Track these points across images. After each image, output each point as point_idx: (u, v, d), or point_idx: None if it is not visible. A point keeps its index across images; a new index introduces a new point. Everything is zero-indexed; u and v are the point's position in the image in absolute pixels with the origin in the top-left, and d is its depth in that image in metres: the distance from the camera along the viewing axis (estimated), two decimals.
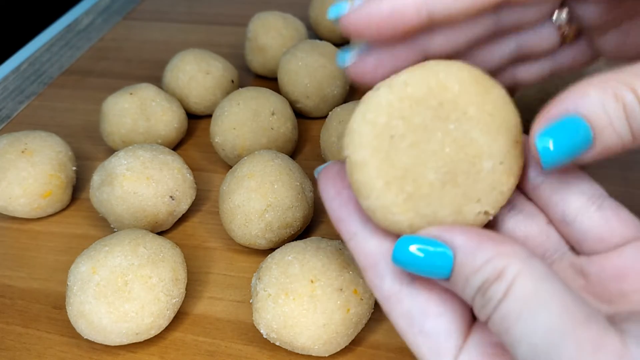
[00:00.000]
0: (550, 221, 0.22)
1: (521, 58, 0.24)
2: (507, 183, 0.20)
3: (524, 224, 0.22)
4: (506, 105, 0.20)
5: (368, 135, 0.19)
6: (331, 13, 0.21)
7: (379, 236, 0.20)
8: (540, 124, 0.18)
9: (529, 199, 0.22)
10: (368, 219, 0.20)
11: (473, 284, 0.17)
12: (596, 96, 0.18)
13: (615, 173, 0.37)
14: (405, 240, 0.19)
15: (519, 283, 0.16)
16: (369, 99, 0.20)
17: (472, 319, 0.21)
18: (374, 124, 0.19)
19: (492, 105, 0.20)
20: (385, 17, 0.19)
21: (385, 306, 0.20)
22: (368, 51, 0.21)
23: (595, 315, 0.16)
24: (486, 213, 0.20)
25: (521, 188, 0.22)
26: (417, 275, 0.20)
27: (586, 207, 0.20)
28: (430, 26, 0.20)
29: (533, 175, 0.21)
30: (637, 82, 0.17)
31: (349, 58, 0.22)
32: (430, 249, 0.18)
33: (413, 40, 0.21)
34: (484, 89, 0.20)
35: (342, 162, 0.21)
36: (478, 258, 0.17)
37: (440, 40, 0.21)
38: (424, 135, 0.19)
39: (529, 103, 0.38)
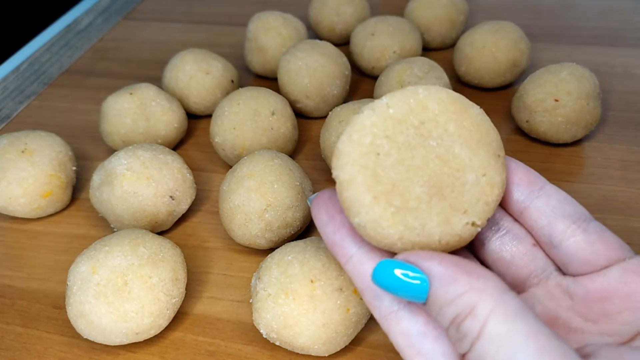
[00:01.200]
0: (537, 243, 0.22)
1: None
2: (492, 194, 0.20)
3: (511, 244, 0.22)
4: (484, 121, 0.21)
5: (354, 154, 0.20)
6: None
7: (374, 257, 0.21)
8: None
9: (517, 220, 0.22)
10: (362, 240, 0.21)
11: (446, 315, 0.18)
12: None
13: (615, 173, 0.37)
14: (384, 264, 0.19)
15: (492, 322, 0.17)
16: (354, 120, 0.21)
17: None
18: (360, 143, 0.20)
19: (471, 122, 0.21)
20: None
21: (384, 325, 0.21)
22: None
23: (570, 354, 0.16)
24: (474, 224, 0.20)
25: (508, 210, 0.22)
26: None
27: (572, 231, 0.21)
28: None
29: (519, 199, 0.22)
30: None
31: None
32: (409, 274, 0.18)
33: None
34: (462, 107, 0.21)
35: (333, 188, 0.22)
36: (451, 291, 0.18)
37: None
38: (408, 153, 0.20)
39: (528, 103, 0.38)
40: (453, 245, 0.20)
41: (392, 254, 0.20)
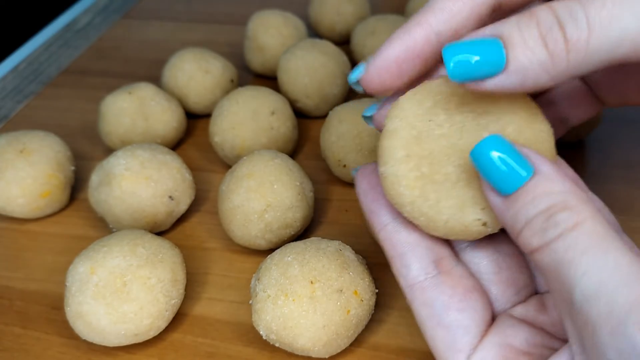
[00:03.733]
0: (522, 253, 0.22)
1: None
2: None
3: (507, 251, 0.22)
4: (544, 142, 0.20)
5: (409, 111, 0.20)
6: (351, 77, 0.23)
7: (408, 228, 0.21)
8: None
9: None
10: (399, 213, 0.21)
11: (538, 205, 0.17)
12: (515, 17, 0.18)
13: (615, 173, 0.37)
14: (495, 141, 0.18)
15: (590, 223, 0.16)
16: (423, 85, 0.21)
17: (490, 321, 0.21)
18: (419, 104, 0.21)
19: (531, 135, 0.20)
20: (401, 58, 0.21)
21: (409, 295, 0.21)
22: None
23: None
24: (484, 224, 0.20)
25: None
26: (444, 267, 0.21)
27: None
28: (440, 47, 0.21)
29: None
30: (558, 2, 0.17)
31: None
32: (511, 162, 0.18)
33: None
34: (532, 117, 0.20)
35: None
36: (558, 185, 0.17)
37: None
38: (459, 133, 0.20)
39: None
40: (456, 232, 0.20)
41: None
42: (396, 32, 0.21)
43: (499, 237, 0.23)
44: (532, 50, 0.17)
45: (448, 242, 0.22)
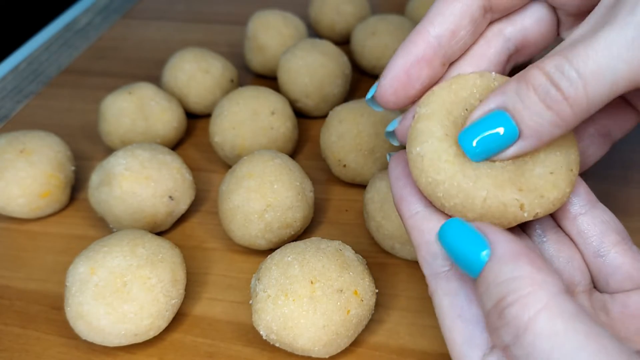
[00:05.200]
0: (581, 252, 0.22)
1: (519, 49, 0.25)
2: (550, 193, 0.20)
3: (554, 249, 0.22)
4: (572, 137, 0.22)
5: (446, 97, 0.21)
6: (368, 96, 0.25)
7: (439, 217, 0.21)
8: (465, 124, 0.20)
9: (561, 228, 0.23)
10: (429, 203, 0.22)
11: (491, 296, 0.17)
12: (512, 87, 0.19)
13: (615, 173, 0.37)
14: (454, 223, 0.19)
15: (544, 318, 0.16)
16: (458, 77, 0.22)
17: None
18: (456, 93, 0.21)
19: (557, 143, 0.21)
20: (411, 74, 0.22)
21: (432, 283, 0.21)
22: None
23: (634, 355, 0.15)
24: (522, 206, 0.20)
25: (564, 213, 0.22)
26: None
27: (620, 245, 0.21)
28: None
29: (579, 204, 0.22)
30: (546, 62, 0.18)
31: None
32: (470, 241, 0.18)
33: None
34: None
35: None
36: (506, 271, 0.17)
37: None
38: None
39: None
40: (493, 212, 0.20)
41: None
42: (400, 46, 0.23)
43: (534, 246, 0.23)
44: (538, 115, 0.18)
45: None
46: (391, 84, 0.22)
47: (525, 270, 0.17)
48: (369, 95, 0.24)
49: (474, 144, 0.19)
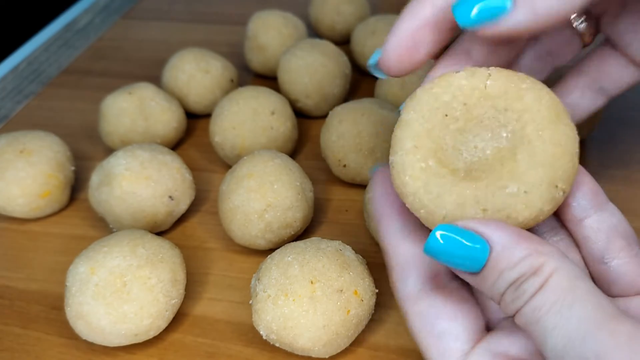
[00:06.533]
0: (584, 256, 0.22)
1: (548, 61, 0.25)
2: (520, 215, 0.19)
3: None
4: (567, 147, 0.19)
5: (424, 104, 0.20)
6: (370, 61, 0.23)
7: (413, 240, 0.21)
8: None
9: (567, 230, 0.22)
10: (409, 222, 0.21)
11: (507, 278, 0.17)
12: None
13: (615, 173, 0.37)
14: (443, 228, 0.18)
15: (555, 278, 0.17)
16: (443, 76, 0.21)
17: (484, 331, 0.21)
18: (436, 97, 0.20)
19: (551, 135, 0.19)
20: (410, 44, 0.21)
21: (404, 306, 0.21)
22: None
23: (622, 315, 0.16)
24: None
25: (569, 215, 0.21)
26: (440, 282, 0.21)
27: (626, 252, 0.21)
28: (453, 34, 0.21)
29: (585, 206, 0.21)
30: None
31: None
32: (467, 241, 0.18)
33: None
34: (556, 119, 0.19)
35: None
36: (516, 254, 0.17)
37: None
38: (475, 129, 0.20)
39: None
40: None
41: None
42: (404, 10, 0.21)
43: None
44: None
45: None
46: (395, 49, 0.21)
47: (529, 248, 0.17)
48: (371, 61, 0.23)
49: (458, 12, 0.19)
